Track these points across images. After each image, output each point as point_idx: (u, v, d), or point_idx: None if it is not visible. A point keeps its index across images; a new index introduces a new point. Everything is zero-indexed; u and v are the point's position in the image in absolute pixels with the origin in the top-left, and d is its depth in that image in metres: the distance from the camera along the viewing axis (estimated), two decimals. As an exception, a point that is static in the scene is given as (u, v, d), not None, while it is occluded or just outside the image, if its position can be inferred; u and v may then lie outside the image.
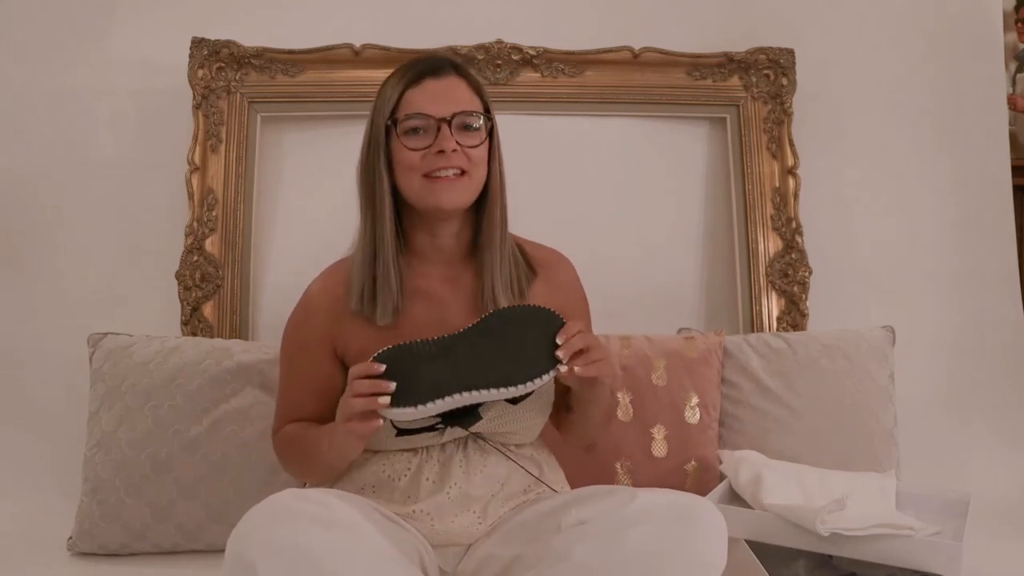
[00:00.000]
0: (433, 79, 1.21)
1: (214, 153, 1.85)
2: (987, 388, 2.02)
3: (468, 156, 1.19)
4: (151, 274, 1.89)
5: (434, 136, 1.18)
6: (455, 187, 1.19)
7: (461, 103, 1.20)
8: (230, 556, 0.99)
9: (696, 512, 1.05)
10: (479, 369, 1.11)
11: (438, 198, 1.19)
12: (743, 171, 1.94)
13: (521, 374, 1.11)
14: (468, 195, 1.22)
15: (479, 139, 1.21)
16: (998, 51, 2.09)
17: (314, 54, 1.87)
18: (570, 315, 1.28)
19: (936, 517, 1.43)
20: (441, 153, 1.17)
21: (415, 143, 1.19)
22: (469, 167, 1.20)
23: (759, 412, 1.68)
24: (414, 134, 1.19)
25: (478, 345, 1.12)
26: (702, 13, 2.01)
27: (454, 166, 1.18)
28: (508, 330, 1.13)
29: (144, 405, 1.55)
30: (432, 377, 1.10)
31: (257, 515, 1.00)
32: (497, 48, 1.89)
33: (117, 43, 1.92)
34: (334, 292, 1.25)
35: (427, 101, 1.19)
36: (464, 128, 1.20)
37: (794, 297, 1.91)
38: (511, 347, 1.12)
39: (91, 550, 1.53)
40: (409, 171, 1.20)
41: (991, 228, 2.06)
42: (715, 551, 1.04)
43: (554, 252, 1.36)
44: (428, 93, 1.20)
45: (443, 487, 1.19)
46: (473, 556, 1.18)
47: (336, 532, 0.98)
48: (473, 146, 1.20)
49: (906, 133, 2.04)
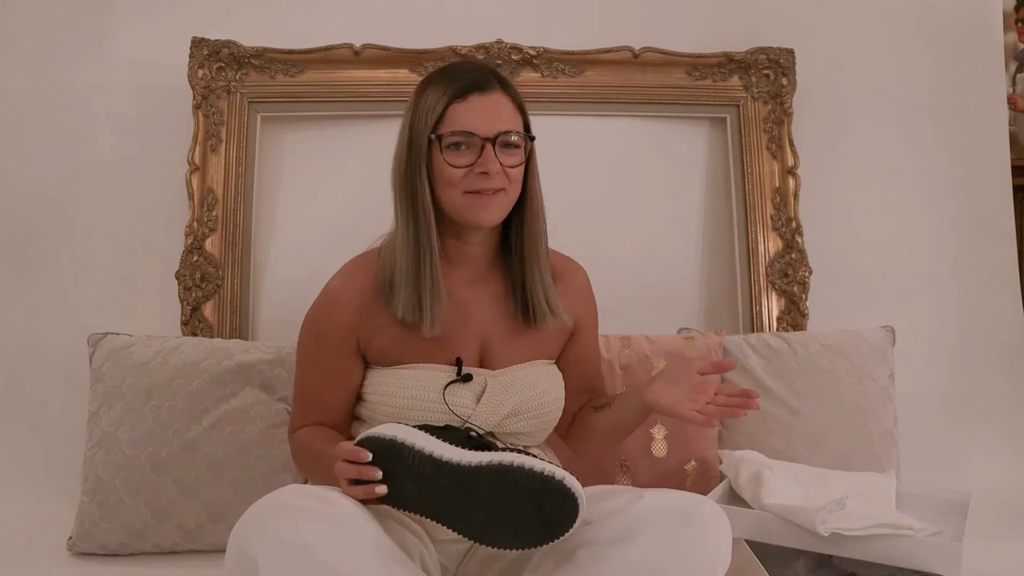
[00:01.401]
0: (479, 95, 1.20)
1: (214, 153, 1.85)
2: (987, 388, 2.02)
3: (508, 175, 1.20)
4: (151, 274, 1.89)
5: (477, 153, 1.19)
6: (493, 204, 1.20)
7: (506, 122, 1.21)
8: (232, 551, 0.99)
9: (701, 512, 1.05)
10: (458, 513, 1.04)
11: (479, 215, 1.20)
12: (743, 171, 1.94)
13: (497, 538, 1.04)
14: (504, 212, 1.23)
15: (520, 158, 1.22)
16: (998, 51, 2.09)
17: (314, 54, 1.87)
18: (581, 324, 1.35)
19: (936, 517, 1.43)
20: (485, 174, 1.18)
21: (458, 160, 1.19)
22: (507, 185, 1.21)
23: (759, 412, 1.67)
24: (456, 149, 1.19)
25: (466, 493, 1.03)
26: (702, 13, 2.01)
27: (496, 186, 1.19)
28: (499, 496, 1.02)
29: (144, 405, 1.55)
30: (413, 494, 1.05)
31: (259, 511, 1.00)
32: (497, 48, 1.89)
33: (117, 43, 1.92)
34: (361, 286, 1.25)
35: (473, 119, 1.19)
36: (506, 147, 1.20)
37: (794, 297, 1.91)
38: (496, 511, 1.02)
39: (91, 550, 1.53)
40: (450, 186, 1.20)
41: (991, 228, 2.06)
42: (720, 551, 1.05)
43: (570, 261, 1.38)
44: (474, 110, 1.19)
45: None
46: (476, 554, 1.19)
47: (337, 528, 0.99)
48: (513, 165, 1.21)
49: (906, 133, 2.04)
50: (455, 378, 1.22)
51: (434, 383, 1.22)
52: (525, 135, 1.23)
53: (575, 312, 1.33)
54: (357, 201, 1.77)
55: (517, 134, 1.21)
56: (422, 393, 1.21)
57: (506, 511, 1.02)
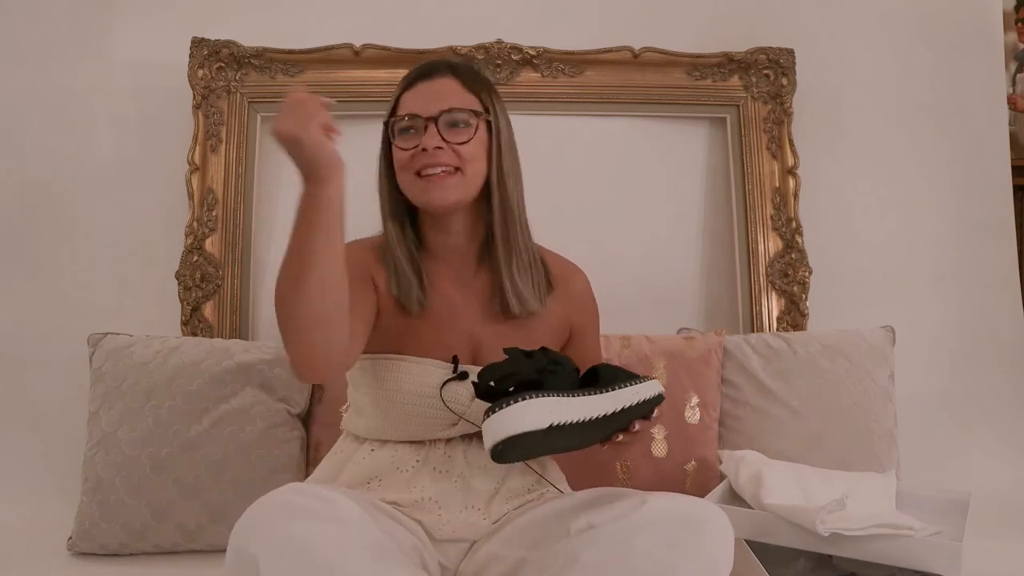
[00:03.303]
0: (425, 81, 1.24)
1: (214, 153, 1.85)
2: (987, 388, 2.02)
3: (458, 153, 1.20)
4: (151, 274, 1.89)
5: (422, 135, 1.21)
6: (445, 184, 1.20)
7: (449, 101, 1.22)
8: (232, 551, 0.99)
9: (705, 518, 1.05)
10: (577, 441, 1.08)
11: (429, 196, 1.21)
12: (743, 171, 1.94)
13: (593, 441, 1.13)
14: (460, 192, 1.21)
15: (467, 135, 1.21)
16: (998, 51, 2.09)
17: (314, 54, 1.87)
18: (580, 329, 1.34)
19: (936, 517, 1.43)
20: (424, 151, 1.19)
21: (405, 143, 1.22)
22: (461, 163, 1.21)
23: (759, 412, 1.68)
24: (405, 134, 1.22)
25: (592, 430, 1.08)
26: (702, 13, 2.01)
27: (442, 163, 1.20)
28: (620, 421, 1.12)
29: (144, 405, 1.55)
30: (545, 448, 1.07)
31: (259, 510, 1.00)
32: (497, 48, 1.89)
33: (117, 43, 1.92)
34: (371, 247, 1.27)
35: (416, 102, 1.22)
36: (452, 125, 1.21)
37: (794, 297, 1.91)
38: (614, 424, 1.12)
39: (91, 550, 1.53)
40: (402, 170, 1.23)
41: (991, 228, 2.06)
42: (722, 557, 1.04)
43: (570, 264, 1.37)
44: (419, 94, 1.23)
45: (450, 477, 1.21)
46: (477, 555, 1.18)
47: (337, 527, 0.98)
48: (462, 142, 1.20)
49: (906, 133, 2.04)
50: (451, 376, 1.22)
51: (429, 379, 1.22)
52: (471, 112, 1.22)
53: (572, 318, 1.33)
54: (357, 201, 1.77)
55: (460, 111, 1.21)
56: (419, 388, 1.21)
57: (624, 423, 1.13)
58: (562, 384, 1.04)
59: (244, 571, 0.96)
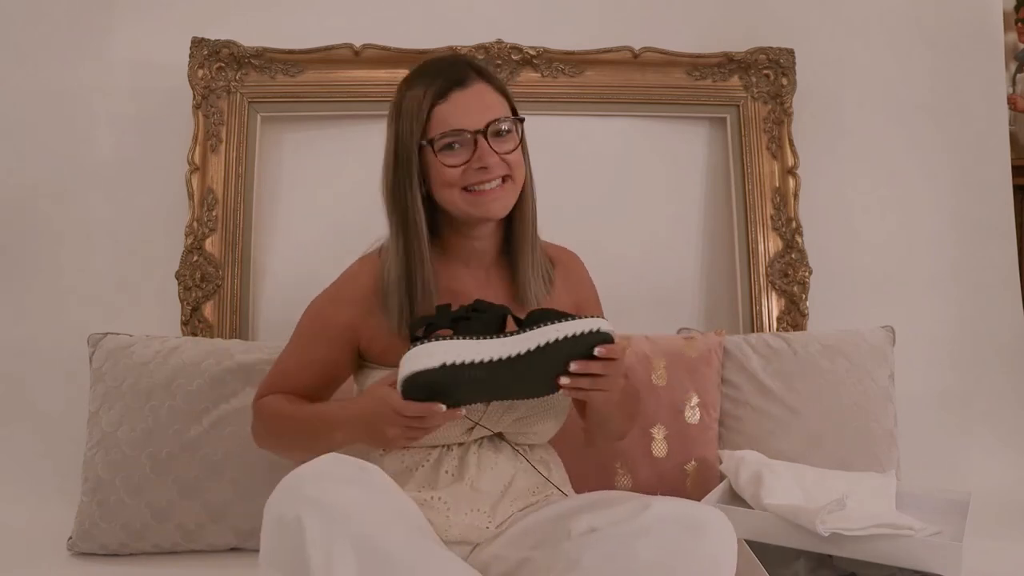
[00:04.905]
0: (460, 91, 1.18)
1: (214, 153, 1.85)
2: (987, 388, 2.02)
3: (508, 162, 1.19)
4: (151, 274, 1.89)
5: (471, 149, 1.17)
6: (501, 196, 1.19)
7: (493, 111, 1.19)
8: (271, 521, 0.98)
9: (707, 523, 1.04)
10: (517, 389, 1.13)
11: (487, 209, 1.19)
12: (743, 171, 1.94)
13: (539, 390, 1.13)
14: (512, 199, 1.21)
15: (515, 143, 1.20)
16: (998, 51, 2.09)
17: (314, 54, 1.87)
18: (587, 309, 1.34)
19: (936, 517, 1.43)
20: (483, 168, 1.17)
21: (453, 159, 1.17)
22: (511, 172, 1.19)
23: (759, 412, 1.68)
24: (450, 149, 1.17)
25: (524, 374, 1.08)
26: (702, 13, 2.01)
27: (496, 176, 1.18)
28: (555, 362, 1.09)
29: (144, 405, 1.55)
30: (470, 397, 1.10)
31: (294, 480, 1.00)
32: (497, 48, 1.89)
33: (117, 43, 1.92)
34: (365, 284, 1.25)
35: (460, 116, 1.17)
36: (498, 135, 1.18)
37: (794, 297, 1.91)
38: (553, 370, 1.10)
39: (91, 550, 1.53)
40: (449, 187, 1.18)
41: (991, 228, 2.06)
42: (724, 560, 1.04)
43: (564, 250, 1.38)
44: (459, 107, 1.18)
45: (461, 479, 1.22)
46: (479, 556, 1.18)
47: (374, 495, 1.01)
48: (510, 151, 1.19)
49: (906, 133, 2.04)
50: None
51: None
52: (514, 118, 1.21)
53: (577, 296, 1.33)
54: (357, 201, 1.76)
55: (506, 120, 1.19)
56: None
57: (562, 366, 1.09)
58: (475, 329, 1.09)
59: (286, 538, 0.96)
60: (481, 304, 1.13)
